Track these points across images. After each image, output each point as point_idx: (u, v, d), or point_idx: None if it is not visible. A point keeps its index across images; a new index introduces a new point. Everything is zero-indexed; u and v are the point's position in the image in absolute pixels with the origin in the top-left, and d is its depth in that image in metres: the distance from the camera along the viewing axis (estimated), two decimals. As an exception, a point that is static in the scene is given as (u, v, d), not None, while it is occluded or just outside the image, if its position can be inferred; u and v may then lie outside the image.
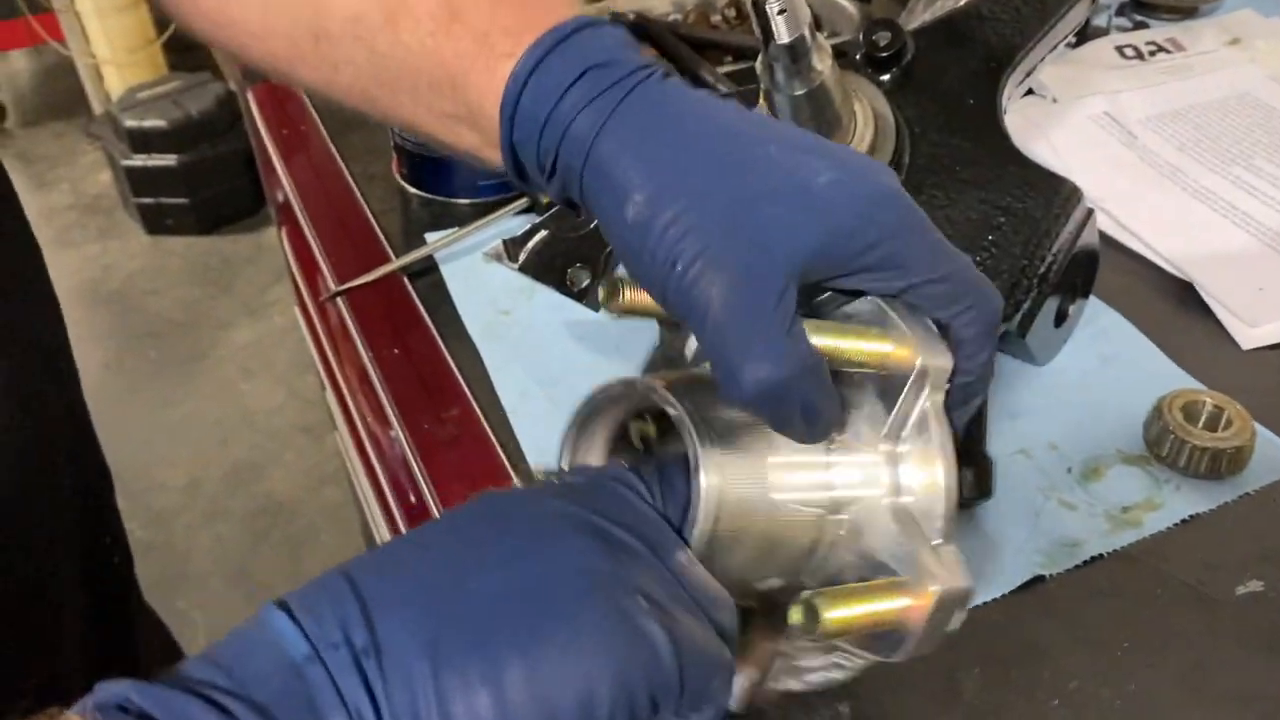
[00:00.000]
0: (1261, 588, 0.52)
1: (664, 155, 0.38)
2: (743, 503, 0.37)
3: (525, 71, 0.39)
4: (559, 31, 0.39)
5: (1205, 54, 0.94)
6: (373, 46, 0.43)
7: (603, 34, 0.40)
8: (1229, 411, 0.59)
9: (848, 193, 0.37)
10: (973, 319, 0.39)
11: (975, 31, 0.64)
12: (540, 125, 0.39)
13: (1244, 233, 0.74)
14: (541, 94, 0.39)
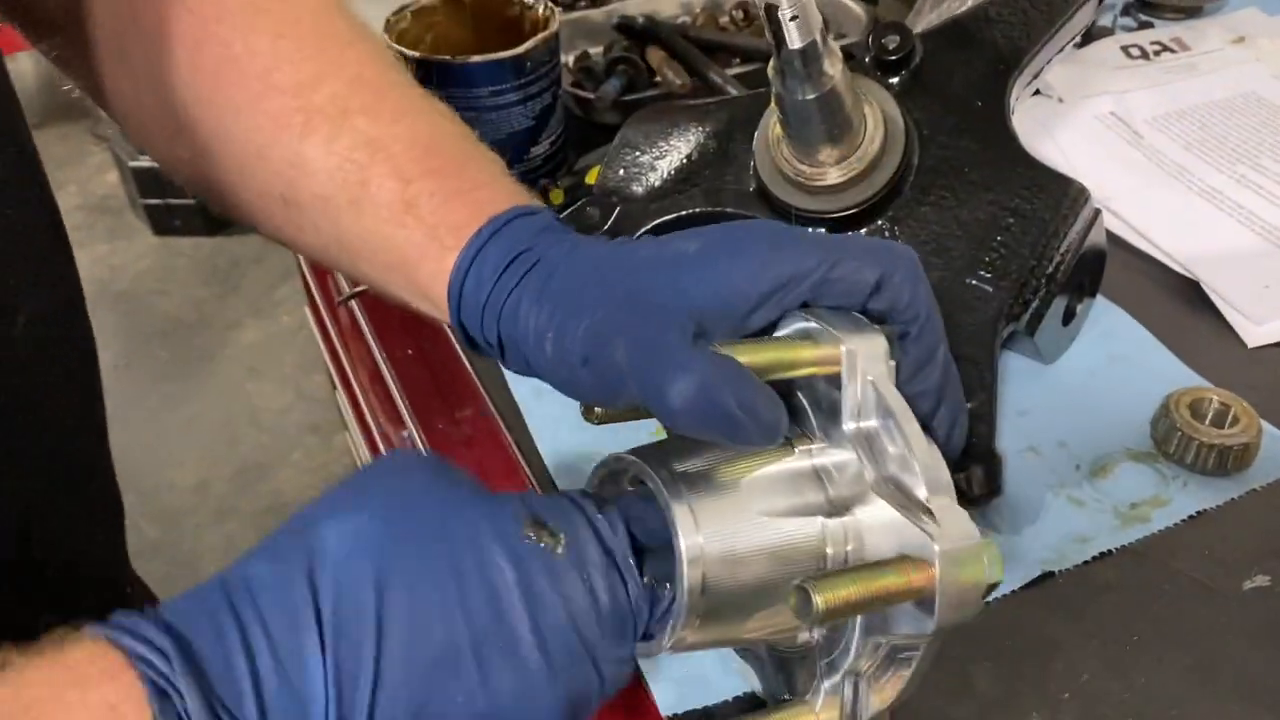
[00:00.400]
0: (1268, 582, 0.53)
1: (561, 299, 0.42)
2: (731, 536, 0.37)
3: (466, 262, 0.44)
4: (494, 223, 0.44)
5: (1210, 53, 0.94)
6: (337, 222, 0.48)
7: (529, 222, 0.45)
8: (1235, 409, 0.59)
9: (717, 245, 0.41)
10: (886, 277, 0.40)
11: (983, 34, 0.65)
12: (480, 308, 0.44)
13: (1250, 231, 0.75)
14: (480, 282, 0.44)
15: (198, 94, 0.50)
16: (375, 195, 0.47)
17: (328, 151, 0.47)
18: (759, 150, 0.63)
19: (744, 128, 0.65)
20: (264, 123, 0.49)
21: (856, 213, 0.61)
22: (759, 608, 0.39)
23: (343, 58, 0.50)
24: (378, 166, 0.47)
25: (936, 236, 0.61)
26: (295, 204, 0.49)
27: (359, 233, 0.48)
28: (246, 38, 0.49)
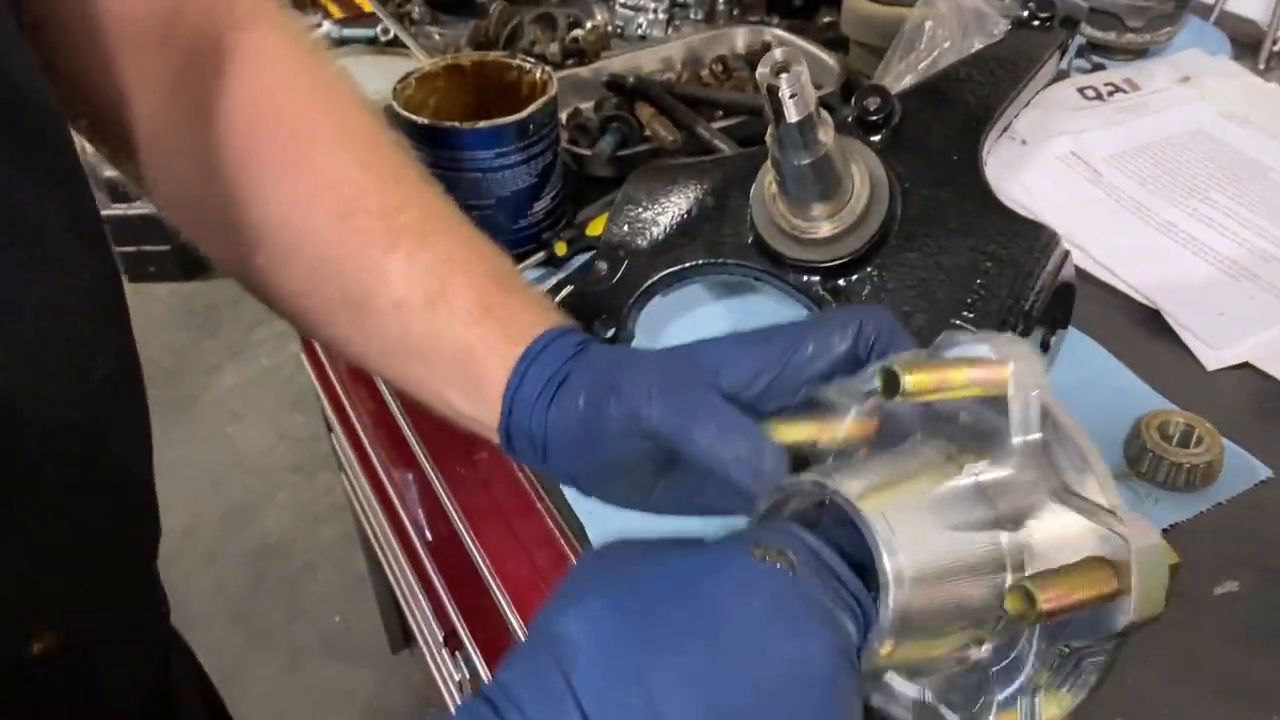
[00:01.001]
0: (1237, 588, 0.59)
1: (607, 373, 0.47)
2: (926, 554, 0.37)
3: (529, 358, 0.49)
4: (555, 331, 0.50)
5: (1159, 92, 1.01)
6: (408, 325, 0.52)
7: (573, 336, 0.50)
8: (1199, 429, 0.65)
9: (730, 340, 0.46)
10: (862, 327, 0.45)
11: (956, 93, 0.71)
12: (532, 403, 0.48)
13: (1204, 262, 0.81)
14: (536, 378, 0.48)
15: (288, 214, 0.55)
16: (453, 301, 0.51)
17: (409, 264, 0.52)
18: (755, 205, 0.68)
19: (739, 184, 0.71)
20: (349, 239, 0.53)
21: (848, 261, 0.66)
22: (947, 626, 0.39)
23: (420, 192, 0.56)
24: (457, 278, 0.52)
25: (922, 281, 0.66)
26: (369, 309, 0.53)
27: (429, 332, 0.52)
28: (336, 166, 0.55)
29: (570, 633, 0.33)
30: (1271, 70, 1.06)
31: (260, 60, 0.57)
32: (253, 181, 0.55)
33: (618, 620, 0.33)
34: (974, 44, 0.92)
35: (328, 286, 0.54)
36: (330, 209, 0.54)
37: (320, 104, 0.57)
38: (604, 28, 1.09)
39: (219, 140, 0.56)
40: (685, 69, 1.03)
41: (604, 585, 0.35)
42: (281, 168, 0.55)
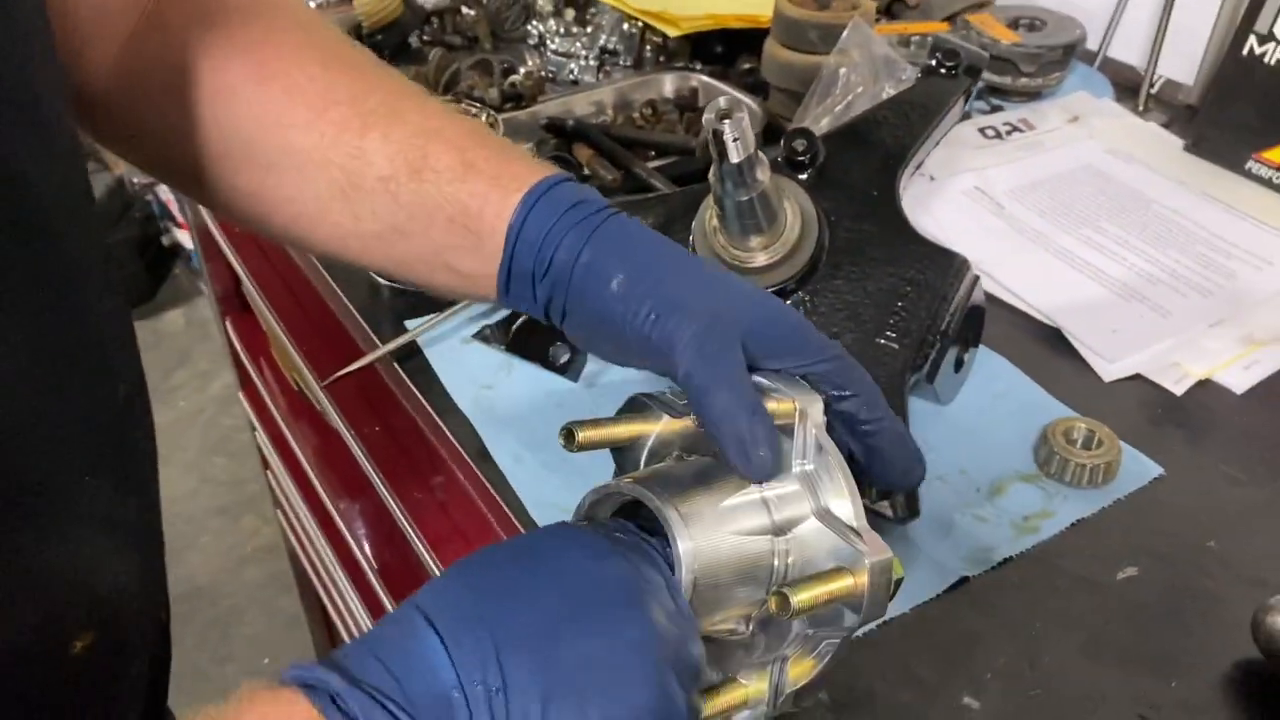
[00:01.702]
0: (1136, 572, 0.66)
1: (635, 254, 0.52)
2: (712, 549, 0.47)
3: (530, 203, 0.53)
4: (549, 180, 0.54)
5: (1052, 131, 1.11)
6: (397, 196, 0.55)
7: (579, 187, 0.55)
8: (1099, 434, 0.72)
9: (763, 296, 0.53)
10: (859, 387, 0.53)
11: (874, 135, 0.78)
12: (538, 244, 0.52)
13: (1097, 285, 0.89)
14: (542, 219, 0.52)
15: (266, 123, 0.58)
16: (435, 164, 0.54)
17: (386, 140, 0.55)
18: (697, 237, 0.74)
19: (681, 219, 0.76)
20: (328, 129, 0.56)
21: (783, 288, 0.72)
22: (723, 607, 0.48)
23: (383, 78, 0.59)
24: (434, 144, 0.55)
25: (849, 305, 0.72)
26: (357, 191, 0.56)
27: (419, 199, 0.55)
28: (303, 68, 0.58)
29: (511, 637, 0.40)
30: (1149, 111, 1.16)
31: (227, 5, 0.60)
32: (228, 104, 0.57)
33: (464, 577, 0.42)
34: (885, 89, 1.00)
35: (315, 183, 0.57)
36: (304, 109, 0.57)
37: (281, 24, 0.60)
38: (538, 73, 1.14)
39: (192, 75, 0.58)
40: (616, 112, 1.09)
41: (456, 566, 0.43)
42: (254, 84, 0.57)
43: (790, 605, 0.45)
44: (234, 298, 1.36)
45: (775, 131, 1.06)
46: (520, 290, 0.55)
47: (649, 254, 0.52)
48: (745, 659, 0.51)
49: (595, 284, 0.51)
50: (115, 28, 0.59)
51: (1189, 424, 0.77)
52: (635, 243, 0.53)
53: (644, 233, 0.54)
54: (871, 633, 0.61)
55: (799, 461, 0.50)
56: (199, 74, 0.58)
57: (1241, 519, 0.70)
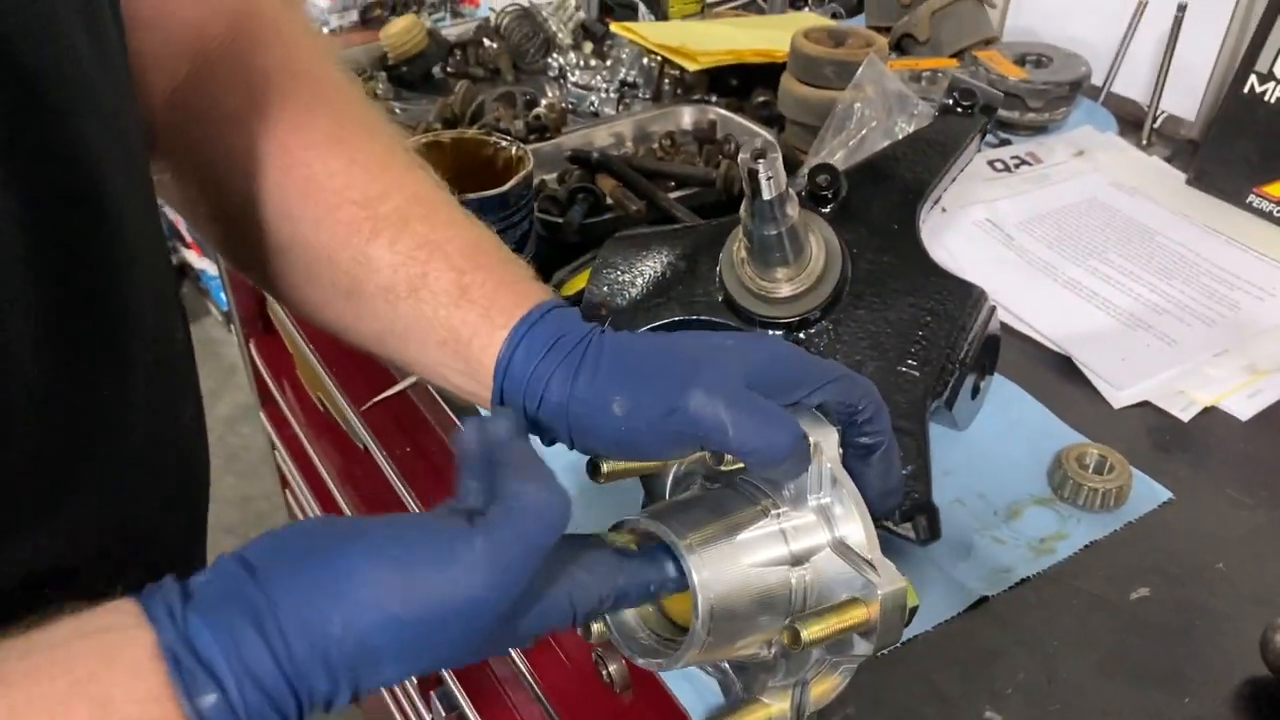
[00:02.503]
0: (1149, 593, 0.68)
1: (625, 371, 0.53)
2: (728, 583, 0.49)
3: (516, 338, 0.54)
4: (541, 309, 0.55)
5: (1058, 164, 1.14)
6: (396, 308, 0.57)
7: (568, 313, 0.56)
8: (1110, 459, 0.75)
9: (750, 344, 0.54)
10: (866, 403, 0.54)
11: (893, 171, 0.81)
12: (526, 378, 0.53)
13: (1105, 314, 0.92)
14: (529, 355, 0.53)
15: (283, 208, 0.59)
16: (433, 284, 0.55)
17: (391, 250, 0.56)
18: (725, 268, 0.77)
19: (707, 250, 0.79)
20: (338, 229, 0.58)
21: (807, 317, 0.75)
22: (744, 635, 0.50)
23: (403, 179, 0.60)
24: (435, 261, 0.56)
25: (871, 334, 0.75)
26: (359, 295, 0.58)
27: (416, 316, 0.56)
28: (326, 162, 0.59)
29: None
30: (1152, 145, 1.20)
31: (262, 74, 0.61)
32: (251, 183, 0.60)
33: None
34: (897, 122, 1.04)
35: (323, 277, 0.59)
36: (317, 205, 0.58)
37: (318, 108, 0.61)
38: (560, 105, 1.18)
39: (223, 145, 0.60)
40: (636, 144, 1.12)
41: None
42: (278, 171, 0.59)
43: (801, 639, 0.47)
44: (256, 320, 1.39)
45: (790, 164, 1.09)
46: None
47: (638, 363, 0.53)
48: (769, 681, 0.54)
49: (596, 414, 0.52)
50: (165, 72, 0.61)
51: (1196, 450, 0.80)
52: (623, 358, 0.53)
53: (627, 343, 0.54)
54: (896, 650, 0.64)
55: (814, 495, 0.52)
56: (230, 146, 0.60)
57: (1248, 542, 0.72)
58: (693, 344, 0.54)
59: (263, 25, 0.64)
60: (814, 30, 1.10)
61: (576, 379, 0.52)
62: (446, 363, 0.57)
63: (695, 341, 0.55)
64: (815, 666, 0.53)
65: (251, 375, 1.44)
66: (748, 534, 0.51)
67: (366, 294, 0.58)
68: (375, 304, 0.58)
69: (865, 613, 0.48)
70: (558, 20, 1.35)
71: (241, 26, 0.63)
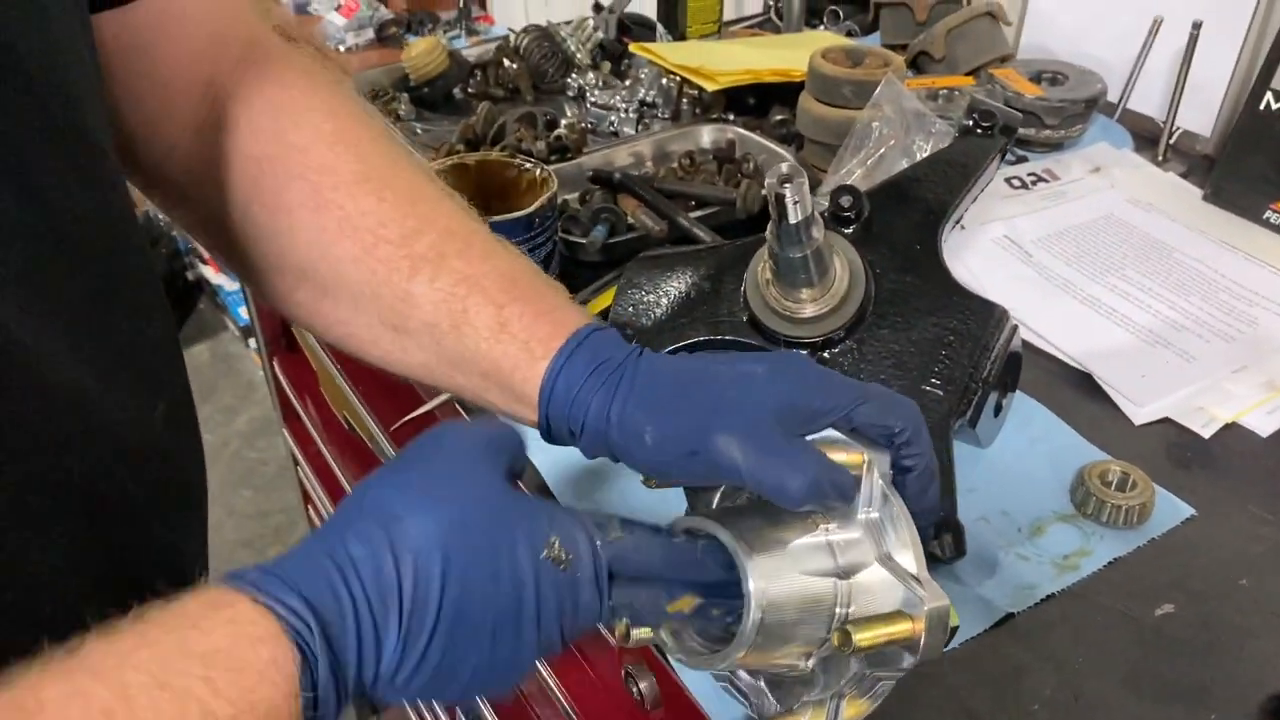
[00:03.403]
0: (1173, 609, 0.69)
1: (658, 400, 0.56)
2: (780, 588, 0.51)
3: (556, 369, 0.57)
4: (577, 337, 0.57)
5: (1075, 181, 1.15)
6: (440, 343, 0.59)
7: (604, 336, 0.58)
8: (1133, 476, 0.76)
9: (780, 369, 0.56)
10: (903, 425, 0.57)
11: (915, 192, 0.82)
12: (568, 405, 0.56)
13: (1124, 331, 0.93)
14: (570, 384, 0.56)
15: (321, 250, 0.61)
16: (474, 319, 0.58)
17: (432, 288, 0.59)
18: (750, 288, 0.78)
19: (731, 270, 0.80)
20: (377, 268, 0.60)
21: (832, 337, 0.76)
22: (788, 642, 0.52)
23: (434, 214, 0.62)
24: (474, 297, 0.58)
25: (895, 354, 0.76)
26: (404, 331, 0.60)
27: (460, 350, 0.59)
28: (357, 201, 0.61)
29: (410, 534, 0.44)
30: (1168, 161, 1.20)
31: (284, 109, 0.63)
32: (287, 225, 0.61)
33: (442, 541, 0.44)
34: (915, 140, 1.05)
35: (366, 314, 0.61)
36: (353, 243, 0.60)
37: (341, 147, 0.62)
38: (579, 124, 1.19)
39: (255, 187, 0.62)
40: (656, 163, 1.13)
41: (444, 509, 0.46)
42: (310, 211, 0.61)
43: (852, 642, 0.49)
44: (280, 338, 1.40)
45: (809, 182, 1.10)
46: (561, 441, 0.59)
47: (669, 393, 0.56)
48: (804, 694, 0.55)
49: (631, 441, 0.55)
50: (181, 107, 0.62)
51: (1217, 466, 0.81)
52: (656, 385, 0.56)
53: (659, 368, 0.57)
54: (925, 666, 0.64)
55: (865, 510, 0.54)
56: (261, 188, 0.62)
57: (1270, 558, 0.73)
58: (722, 373, 0.56)
59: (270, 58, 0.65)
60: (831, 50, 1.11)
61: (611, 406, 0.55)
62: (492, 391, 0.59)
63: (725, 369, 0.56)
64: (851, 683, 0.54)
65: (274, 392, 1.45)
66: (798, 543, 0.53)
67: (411, 330, 0.60)
68: (421, 339, 0.60)
69: (911, 627, 0.50)
70: (576, 40, 1.36)
71: (251, 60, 0.64)
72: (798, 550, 0.53)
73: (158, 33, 0.59)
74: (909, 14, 1.40)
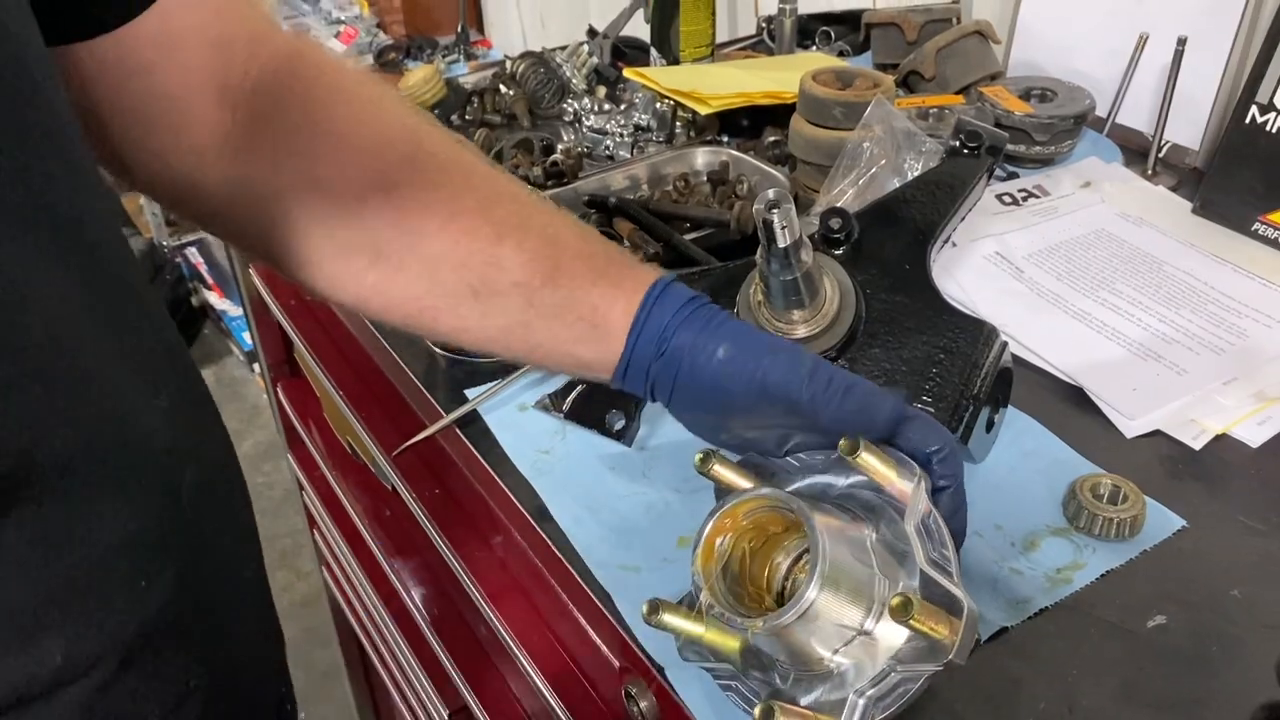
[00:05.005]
0: (1165, 620, 0.70)
1: (736, 333, 0.62)
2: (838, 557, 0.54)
3: (649, 303, 0.62)
4: (663, 280, 0.64)
5: (1066, 196, 1.16)
6: (530, 299, 0.63)
7: (682, 287, 0.64)
8: (1124, 488, 0.77)
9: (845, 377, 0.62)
10: (943, 446, 0.61)
11: (904, 212, 0.84)
12: (657, 336, 0.61)
13: (1115, 345, 0.94)
14: (659, 315, 0.62)
15: (396, 227, 0.64)
16: (569, 270, 0.63)
17: (520, 250, 0.63)
18: (742, 310, 0.79)
19: (724, 293, 0.81)
20: (460, 236, 0.63)
21: (824, 358, 0.77)
22: (833, 618, 0.54)
23: (495, 186, 0.66)
24: (565, 254, 0.63)
25: (886, 372, 0.78)
26: (490, 293, 0.63)
27: (554, 301, 0.63)
28: (426, 175, 0.65)
29: None
30: (1158, 175, 1.22)
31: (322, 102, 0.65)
32: (356, 212, 0.63)
33: None
34: (906, 159, 1.06)
35: (447, 283, 0.64)
36: (432, 217, 0.63)
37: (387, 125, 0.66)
38: (576, 149, 1.21)
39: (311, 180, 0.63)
40: (651, 186, 1.15)
41: None
42: (380, 193, 0.63)
43: (912, 607, 0.51)
44: (283, 364, 1.42)
45: (802, 202, 1.12)
46: (635, 374, 0.63)
47: (747, 331, 0.63)
48: (826, 694, 0.57)
49: (704, 359, 0.61)
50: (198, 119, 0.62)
51: (1208, 478, 0.82)
52: (736, 326, 0.63)
53: (743, 323, 0.64)
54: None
55: (911, 521, 0.57)
56: (319, 183, 0.63)
57: (1262, 568, 0.74)
58: (803, 349, 0.64)
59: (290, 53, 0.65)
60: (821, 72, 1.13)
61: (696, 331, 0.61)
62: (578, 335, 0.64)
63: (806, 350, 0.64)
64: (875, 682, 0.55)
65: (278, 417, 1.47)
66: (854, 533, 0.56)
67: (499, 292, 0.63)
68: (508, 299, 0.63)
69: (949, 627, 0.53)
70: (572, 66, 1.38)
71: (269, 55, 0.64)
72: (855, 537, 0.56)
73: (159, 51, 0.59)
74: (899, 34, 1.41)
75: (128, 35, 0.58)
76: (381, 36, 2.37)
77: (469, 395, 0.90)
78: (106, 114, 0.59)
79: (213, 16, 0.63)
